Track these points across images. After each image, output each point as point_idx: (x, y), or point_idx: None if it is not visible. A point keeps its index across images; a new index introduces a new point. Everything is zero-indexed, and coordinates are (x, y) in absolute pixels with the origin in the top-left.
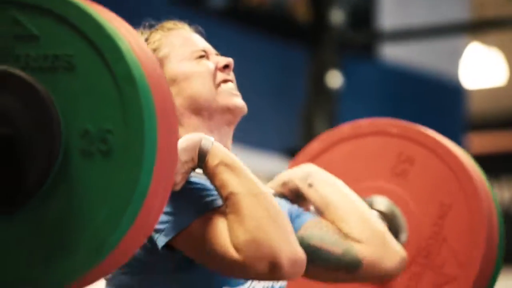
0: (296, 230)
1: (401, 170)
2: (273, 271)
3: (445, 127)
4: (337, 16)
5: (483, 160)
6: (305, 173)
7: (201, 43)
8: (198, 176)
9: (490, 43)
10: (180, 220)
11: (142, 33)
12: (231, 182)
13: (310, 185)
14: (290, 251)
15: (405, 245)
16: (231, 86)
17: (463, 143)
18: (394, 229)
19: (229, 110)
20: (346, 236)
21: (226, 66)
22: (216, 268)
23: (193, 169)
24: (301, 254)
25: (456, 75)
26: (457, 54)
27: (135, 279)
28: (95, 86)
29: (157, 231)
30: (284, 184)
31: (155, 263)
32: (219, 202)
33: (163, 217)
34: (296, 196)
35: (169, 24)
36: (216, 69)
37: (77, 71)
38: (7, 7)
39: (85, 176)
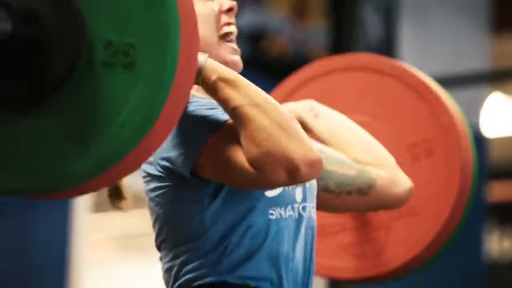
0: None
1: (381, 106)
2: (292, 176)
3: None
4: None
5: (504, 208)
6: (309, 106)
7: None
8: (197, 95)
9: (511, 93)
10: (193, 145)
11: None
12: (232, 96)
13: (316, 116)
14: (305, 153)
15: None
16: (233, 39)
17: (484, 191)
18: None
19: (225, 63)
20: (357, 160)
21: (230, 9)
22: (239, 185)
23: None
24: (315, 154)
25: (477, 124)
26: (478, 103)
27: (179, 216)
28: None
29: (178, 160)
30: None
31: (192, 197)
32: (225, 116)
33: (177, 148)
34: None
35: None
36: (220, 11)
37: None
38: None
39: (106, 83)
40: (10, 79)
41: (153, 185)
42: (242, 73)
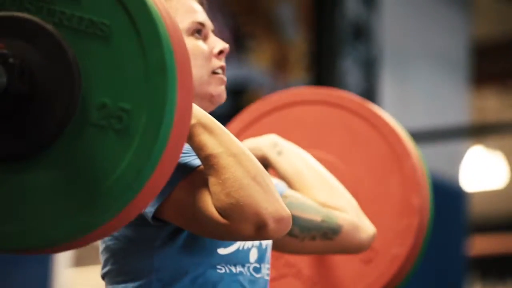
0: None
1: (340, 142)
2: (259, 231)
3: (447, 230)
4: None
5: (485, 261)
6: (272, 142)
7: (202, 16)
8: None
9: (491, 146)
10: (163, 188)
11: None
12: (209, 143)
13: (279, 153)
14: (275, 210)
15: None
16: (223, 71)
17: (465, 245)
18: None
19: (211, 97)
20: (323, 204)
21: (221, 52)
22: (203, 233)
23: None
24: (285, 211)
25: (457, 178)
26: (458, 157)
27: (128, 254)
28: (125, 62)
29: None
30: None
31: (147, 237)
32: (197, 161)
33: None
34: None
35: None
36: (211, 54)
37: (110, 42)
38: None
39: (95, 145)
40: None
41: None
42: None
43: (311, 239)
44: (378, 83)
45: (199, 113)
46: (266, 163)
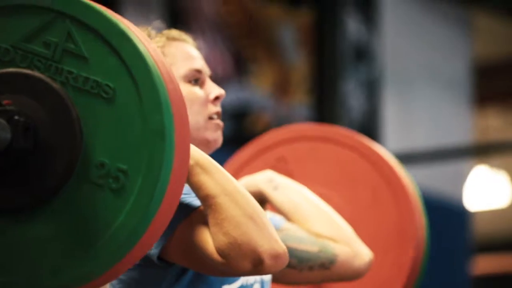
0: None
1: (335, 176)
2: (257, 268)
3: (451, 249)
4: None
5: (489, 281)
6: (268, 177)
7: (199, 63)
8: None
9: (495, 166)
10: (166, 229)
11: (148, 31)
12: (206, 184)
13: (275, 188)
14: (271, 246)
15: None
16: (219, 117)
17: (469, 264)
18: None
19: (207, 142)
20: (318, 235)
21: (216, 98)
22: (205, 271)
23: None
24: (281, 248)
25: (460, 197)
26: (462, 177)
27: None
28: (126, 125)
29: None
30: (245, 188)
31: (153, 278)
32: (198, 202)
33: None
34: (258, 201)
35: (175, 33)
36: (208, 100)
37: (113, 104)
38: (66, 20)
39: (93, 203)
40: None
41: None
42: (226, 150)
43: (308, 269)
44: (381, 104)
45: (197, 154)
46: (263, 198)
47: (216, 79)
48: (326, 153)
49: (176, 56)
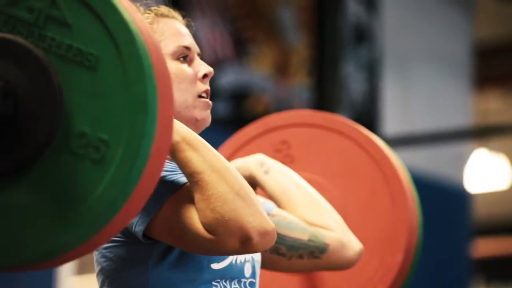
0: None
1: (331, 164)
2: (245, 245)
3: (452, 231)
4: None
5: (489, 263)
6: (259, 161)
7: (188, 40)
8: None
9: (494, 149)
10: (149, 207)
11: (137, 7)
12: (193, 160)
13: (266, 172)
14: (259, 223)
15: None
16: (208, 95)
17: (469, 246)
18: None
19: (196, 121)
20: (309, 223)
21: (205, 75)
22: (191, 249)
23: None
24: (269, 225)
25: (460, 180)
26: (462, 160)
27: (123, 274)
28: (108, 94)
29: (133, 223)
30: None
31: (140, 256)
32: (183, 179)
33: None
34: (249, 184)
35: (164, 9)
36: (196, 78)
37: (96, 73)
38: None
39: (73, 172)
40: None
41: None
42: (226, 132)
43: (298, 257)
44: (381, 86)
45: (184, 131)
46: (254, 182)
47: (216, 60)
48: (331, 143)
49: (165, 33)
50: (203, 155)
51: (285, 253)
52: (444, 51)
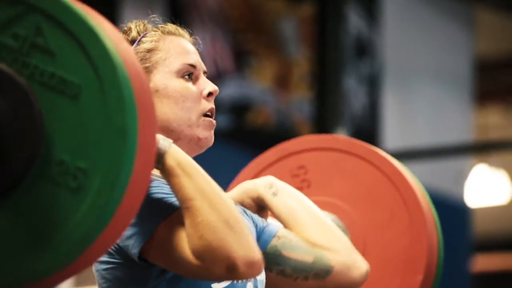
0: (268, 239)
1: (349, 188)
2: (231, 273)
3: (451, 247)
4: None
5: (489, 278)
6: (268, 183)
7: (193, 58)
8: (155, 178)
9: (495, 164)
10: (145, 229)
11: (144, 25)
12: (186, 186)
13: (274, 194)
14: (245, 253)
15: None
16: (213, 114)
17: (470, 262)
18: None
19: (198, 140)
20: (314, 244)
21: (210, 94)
22: (182, 273)
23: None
24: (256, 255)
25: (461, 195)
26: (463, 175)
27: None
28: (88, 123)
29: (128, 245)
30: (245, 193)
31: (137, 277)
32: (178, 204)
33: (131, 230)
34: (258, 206)
35: (171, 27)
36: (201, 96)
37: (77, 102)
38: (35, 14)
39: (51, 199)
40: None
41: (103, 258)
42: (227, 144)
43: (303, 279)
44: (381, 100)
45: (179, 156)
46: (262, 204)
47: (216, 73)
48: (348, 166)
49: (170, 51)
50: (195, 181)
51: (291, 274)
52: (445, 65)
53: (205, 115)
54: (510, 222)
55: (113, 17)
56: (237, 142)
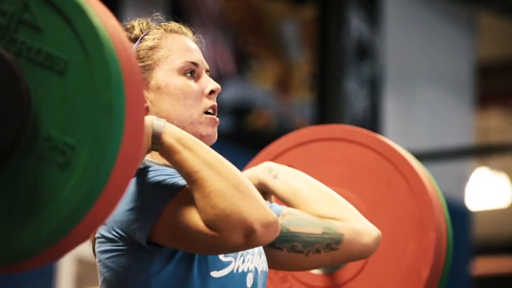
0: None
1: (353, 175)
2: (249, 239)
3: (452, 250)
4: None
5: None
6: (267, 167)
7: (196, 56)
8: (154, 163)
9: (495, 167)
10: (151, 212)
11: (147, 23)
12: (189, 160)
13: (275, 177)
14: (261, 215)
15: None
16: (215, 111)
17: (470, 265)
18: None
19: (201, 137)
20: (322, 216)
21: (212, 92)
22: (195, 250)
23: (147, 152)
24: (271, 216)
25: (461, 198)
26: (463, 178)
27: (125, 283)
28: (75, 99)
29: (135, 229)
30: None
31: (142, 264)
32: (182, 182)
33: (135, 214)
34: (260, 191)
35: (173, 25)
36: (203, 94)
37: (64, 77)
38: None
39: (39, 174)
40: None
41: (105, 247)
42: (228, 147)
43: (315, 252)
44: (382, 103)
45: (177, 132)
46: (265, 189)
47: (218, 76)
48: (335, 152)
49: (172, 48)
50: (198, 153)
51: (302, 250)
52: (446, 68)
53: (207, 112)
54: (511, 225)
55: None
56: (238, 145)
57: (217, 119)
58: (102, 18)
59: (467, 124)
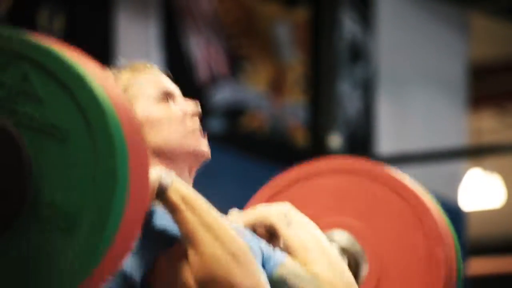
0: (274, 267)
1: (363, 207)
2: None
3: None
4: (335, 142)
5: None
6: (283, 212)
7: (168, 84)
8: (157, 207)
9: (489, 168)
10: (146, 258)
11: (113, 71)
12: (190, 222)
13: (288, 224)
14: (251, 284)
15: (365, 278)
16: (199, 133)
17: (464, 266)
18: (355, 262)
19: (194, 153)
20: (317, 276)
21: (193, 115)
22: None
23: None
24: (262, 285)
25: (455, 199)
26: (457, 179)
27: None
28: (78, 167)
29: (132, 269)
30: (258, 219)
31: None
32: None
33: (132, 258)
34: (270, 234)
35: (138, 64)
36: (185, 115)
37: (67, 145)
38: (22, 62)
39: (42, 239)
40: None
41: None
42: (221, 148)
43: None
44: (375, 105)
45: (183, 190)
46: (274, 232)
47: (211, 78)
48: (354, 185)
49: (143, 84)
50: (200, 215)
51: None
52: (439, 70)
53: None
54: (504, 226)
55: (107, 23)
56: (231, 146)
57: (205, 133)
58: (104, 87)
59: (460, 125)
